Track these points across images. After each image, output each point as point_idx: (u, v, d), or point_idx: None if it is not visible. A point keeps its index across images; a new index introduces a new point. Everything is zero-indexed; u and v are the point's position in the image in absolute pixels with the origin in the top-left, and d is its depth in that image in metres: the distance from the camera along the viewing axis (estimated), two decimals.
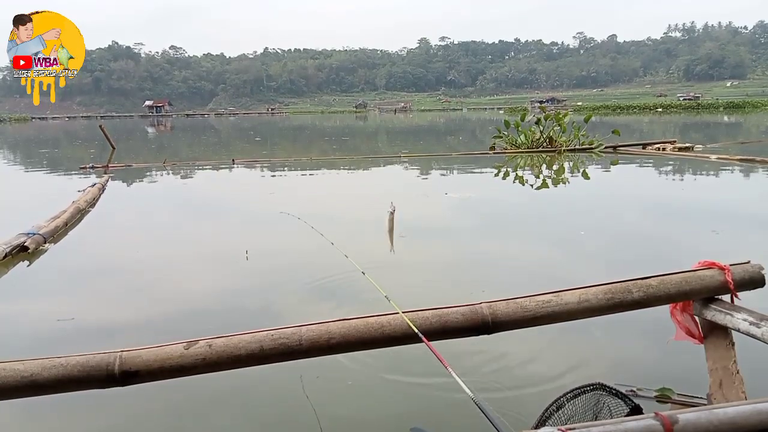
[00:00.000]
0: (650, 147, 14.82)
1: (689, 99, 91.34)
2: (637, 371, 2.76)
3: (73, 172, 12.20)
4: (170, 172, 12.44)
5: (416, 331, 1.78)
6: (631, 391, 2.49)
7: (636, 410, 1.73)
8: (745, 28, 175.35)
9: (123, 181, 11.00)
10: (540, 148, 14.84)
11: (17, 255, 5.08)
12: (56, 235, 5.85)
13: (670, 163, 12.48)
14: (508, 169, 11.96)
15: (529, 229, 6.25)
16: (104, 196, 8.60)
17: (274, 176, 11.93)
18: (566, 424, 1.61)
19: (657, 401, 2.46)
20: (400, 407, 2.55)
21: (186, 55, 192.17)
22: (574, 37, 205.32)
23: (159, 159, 14.41)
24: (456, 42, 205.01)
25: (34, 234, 5.37)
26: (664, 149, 14.25)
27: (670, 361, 2.83)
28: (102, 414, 2.50)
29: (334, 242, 3.03)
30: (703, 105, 65.75)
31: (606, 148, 14.87)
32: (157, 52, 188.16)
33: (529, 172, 11.55)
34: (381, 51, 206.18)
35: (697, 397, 2.39)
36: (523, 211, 7.46)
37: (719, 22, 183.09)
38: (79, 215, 6.89)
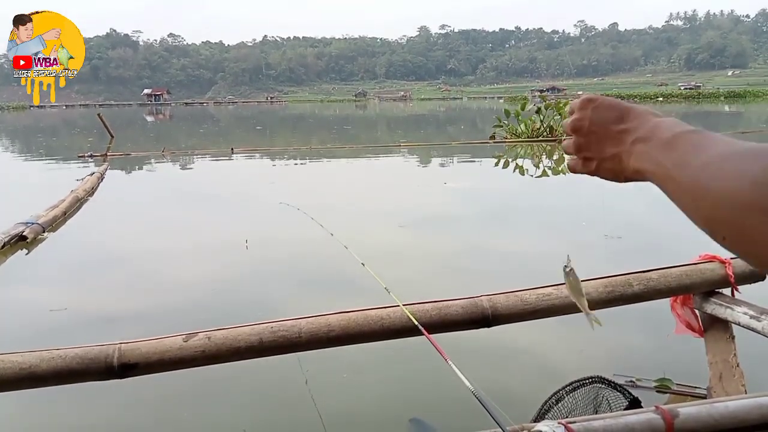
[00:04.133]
0: None
1: (690, 88, 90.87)
2: (636, 363, 2.77)
3: (72, 161, 12.15)
4: (169, 161, 12.40)
5: (416, 323, 1.77)
6: (631, 381, 2.50)
7: (635, 403, 1.73)
8: (747, 16, 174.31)
9: (122, 170, 10.97)
10: (540, 138, 14.79)
11: (15, 244, 5.07)
12: (55, 224, 5.83)
13: None
14: (508, 158, 11.93)
15: (529, 219, 6.24)
16: (103, 185, 8.58)
17: (273, 165, 11.90)
18: (566, 417, 1.61)
19: (656, 391, 2.46)
20: (400, 399, 2.56)
21: (184, 43, 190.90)
22: (575, 25, 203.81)
23: (158, 148, 14.34)
24: (456, 30, 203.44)
25: (33, 223, 5.36)
26: None
27: (670, 353, 2.83)
28: (100, 407, 2.50)
29: (333, 233, 3.02)
30: (704, 94, 65.46)
31: None
32: (156, 40, 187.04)
33: (530, 161, 11.52)
34: (381, 39, 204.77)
35: (697, 388, 2.39)
36: (523, 202, 7.45)
37: (721, 11, 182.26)
38: (77, 204, 6.87)
